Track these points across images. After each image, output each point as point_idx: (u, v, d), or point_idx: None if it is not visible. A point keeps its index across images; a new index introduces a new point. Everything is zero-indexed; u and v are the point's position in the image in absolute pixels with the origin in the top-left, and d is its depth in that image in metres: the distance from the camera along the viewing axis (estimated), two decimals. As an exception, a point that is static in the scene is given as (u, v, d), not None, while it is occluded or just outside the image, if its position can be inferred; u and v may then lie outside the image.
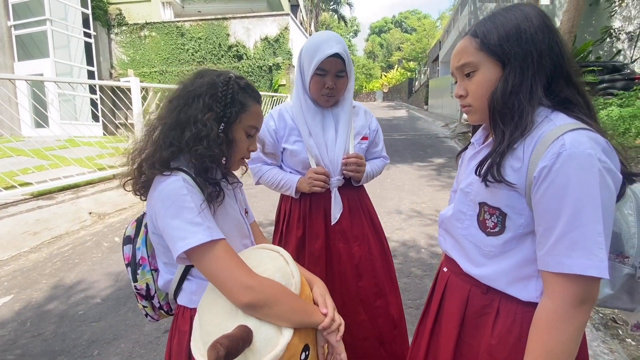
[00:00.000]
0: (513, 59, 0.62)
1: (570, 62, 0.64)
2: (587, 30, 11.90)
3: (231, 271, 0.67)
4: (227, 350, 0.58)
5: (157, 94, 5.66)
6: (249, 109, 0.80)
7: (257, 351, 0.65)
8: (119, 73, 11.78)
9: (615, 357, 1.68)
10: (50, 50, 9.15)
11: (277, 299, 0.67)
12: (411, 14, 50.74)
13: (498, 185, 0.64)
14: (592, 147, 0.56)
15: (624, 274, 0.64)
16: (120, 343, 1.87)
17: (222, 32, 11.69)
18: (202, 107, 0.76)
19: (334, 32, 1.19)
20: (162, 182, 0.72)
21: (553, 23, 0.65)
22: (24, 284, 2.56)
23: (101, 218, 3.94)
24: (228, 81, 0.79)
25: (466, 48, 0.67)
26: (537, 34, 0.62)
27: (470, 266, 0.72)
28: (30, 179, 4.02)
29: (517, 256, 0.66)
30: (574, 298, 0.56)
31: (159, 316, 0.91)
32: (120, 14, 11.77)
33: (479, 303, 0.71)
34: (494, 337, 0.68)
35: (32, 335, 1.98)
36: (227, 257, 0.68)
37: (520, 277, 0.66)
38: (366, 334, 1.22)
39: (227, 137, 0.78)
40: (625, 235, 0.64)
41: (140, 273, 0.84)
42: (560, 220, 0.56)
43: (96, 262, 2.86)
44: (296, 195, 1.24)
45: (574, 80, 0.64)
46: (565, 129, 0.58)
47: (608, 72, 9.13)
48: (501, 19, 0.65)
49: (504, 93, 0.63)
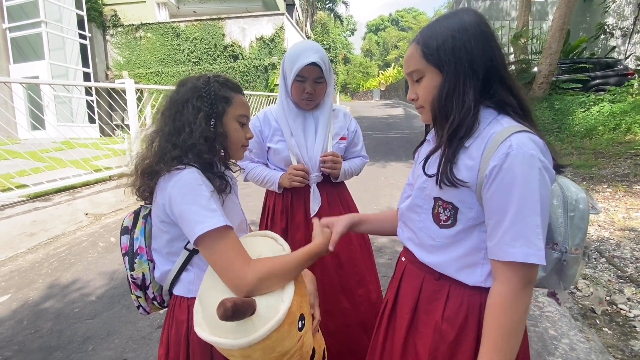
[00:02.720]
0: (447, 67, 0.68)
1: (504, 65, 0.70)
2: (581, 26, 11.98)
3: (231, 265, 0.73)
4: (234, 306, 0.64)
5: (152, 95, 5.69)
6: (233, 100, 0.87)
7: (262, 317, 0.71)
8: (115, 74, 11.79)
9: (591, 345, 1.74)
10: (46, 52, 9.16)
11: (269, 276, 0.74)
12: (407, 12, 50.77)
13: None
14: (533, 147, 0.62)
15: (553, 258, 0.72)
16: (114, 339, 1.93)
17: (217, 32, 11.71)
18: (192, 109, 0.82)
19: (313, 42, 1.26)
20: (177, 174, 0.77)
21: (492, 29, 0.70)
22: (21, 283, 2.61)
23: (97, 219, 3.98)
24: (208, 81, 0.85)
25: (412, 56, 0.72)
26: (470, 42, 0.67)
27: (425, 255, 0.78)
28: (26, 181, 4.06)
29: (465, 246, 0.72)
30: (520, 282, 0.63)
31: (151, 309, 0.94)
32: (115, 15, 11.78)
33: (432, 289, 0.77)
34: (444, 319, 0.73)
35: (29, 332, 2.03)
36: (234, 246, 0.75)
37: (468, 264, 0.72)
38: (349, 320, 1.28)
39: (220, 130, 0.84)
40: (555, 224, 0.71)
41: (138, 262, 0.87)
42: (508, 214, 0.63)
43: (92, 262, 2.91)
44: (279, 190, 1.32)
45: (508, 83, 0.69)
46: (512, 131, 0.64)
47: (601, 68, 9.20)
48: (439, 27, 0.70)
49: (440, 98, 0.69)
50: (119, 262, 2.90)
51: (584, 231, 0.73)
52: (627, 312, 1.99)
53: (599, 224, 3.15)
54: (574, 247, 0.72)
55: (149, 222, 0.89)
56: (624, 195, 3.75)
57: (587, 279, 2.33)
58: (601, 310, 2.03)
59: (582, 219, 0.72)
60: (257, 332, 0.69)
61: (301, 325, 0.77)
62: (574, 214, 0.72)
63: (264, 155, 1.36)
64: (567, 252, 0.71)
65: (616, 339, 1.80)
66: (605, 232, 2.99)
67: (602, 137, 5.90)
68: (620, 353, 1.69)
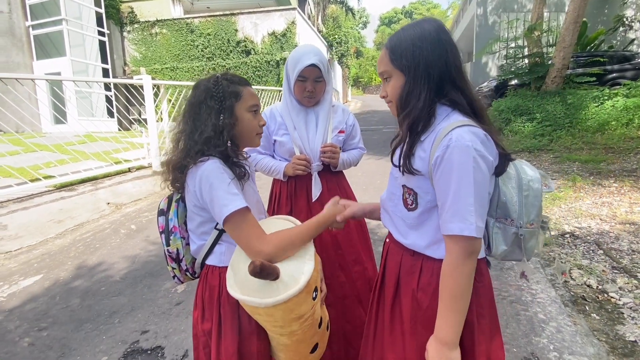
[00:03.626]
0: (408, 70, 0.80)
1: (456, 69, 0.81)
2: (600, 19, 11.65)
3: (249, 240, 0.87)
4: (262, 265, 0.78)
5: (168, 90, 5.92)
6: (242, 93, 0.97)
7: (285, 283, 0.83)
8: (132, 70, 12.13)
9: (577, 328, 1.84)
10: (67, 49, 9.52)
11: (290, 244, 0.89)
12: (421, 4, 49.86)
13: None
14: (471, 139, 0.74)
15: (511, 233, 0.83)
16: (137, 313, 2.13)
17: (230, 27, 11.88)
18: (206, 109, 0.95)
19: (313, 45, 1.40)
20: (201, 166, 0.91)
21: (449, 36, 0.82)
22: (51, 265, 2.86)
23: (118, 208, 4.24)
24: (217, 80, 0.97)
25: (382, 59, 0.85)
26: (428, 49, 0.78)
27: (400, 236, 0.91)
28: (53, 172, 4.35)
29: (430, 225, 0.85)
30: (461, 252, 0.75)
31: (184, 279, 1.09)
32: (132, 12, 12.08)
33: (409, 264, 0.90)
34: (419, 289, 0.87)
35: (61, 307, 2.26)
36: (247, 223, 0.88)
37: (434, 241, 0.85)
38: (345, 293, 1.44)
39: (229, 122, 0.94)
40: (510, 203, 0.82)
41: (172, 239, 1.02)
42: (449, 196, 0.75)
43: (115, 247, 3.14)
44: (284, 179, 1.48)
45: (459, 84, 0.81)
46: (454, 126, 0.76)
47: (619, 62, 8.97)
48: (404, 35, 0.82)
49: (401, 96, 0.82)
50: (139, 247, 3.12)
51: (538, 208, 0.83)
52: (617, 300, 2.07)
53: (600, 218, 3.19)
54: (529, 222, 0.83)
55: (181, 206, 1.03)
56: (630, 190, 3.76)
57: (582, 269, 2.41)
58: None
59: (535, 197, 0.83)
60: (281, 295, 0.81)
61: (315, 296, 0.89)
62: (528, 193, 0.82)
63: (271, 147, 1.52)
64: (522, 227, 0.82)
65: (603, 323, 1.89)
66: (606, 226, 3.04)
67: (615, 132, 5.82)
68: (604, 336, 1.79)
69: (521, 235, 0.83)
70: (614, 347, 1.71)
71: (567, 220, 3.22)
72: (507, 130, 6.97)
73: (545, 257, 2.62)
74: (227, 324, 0.95)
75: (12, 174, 3.99)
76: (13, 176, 3.98)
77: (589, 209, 3.40)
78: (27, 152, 5.00)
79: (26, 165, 4.21)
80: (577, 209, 3.41)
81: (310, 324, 0.91)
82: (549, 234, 0.89)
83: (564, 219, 3.26)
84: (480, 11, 12.30)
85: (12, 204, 3.65)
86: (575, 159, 5.04)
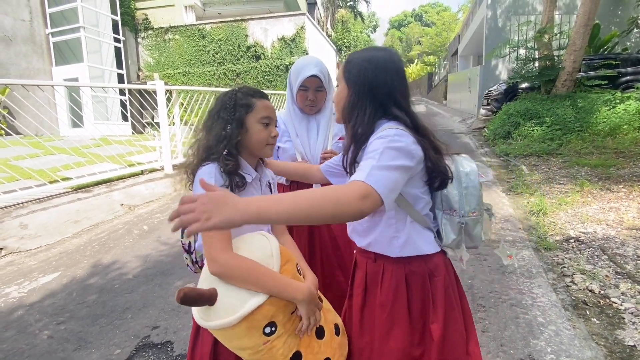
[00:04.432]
0: (353, 86, 0.90)
1: (401, 94, 0.90)
2: (613, 21, 11.44)
3: (210, 245, 0.85)
4: (185, 295, 0.74)
5: (180, 95, 6.09)
6: (254, 105, 1.01)
7: (218, 313, 0.80)
8: (145, 75, 12.45)
9: (576, 332, 1.87)
10: (84, 55, 9.86)
11: (241, 274, 0.82)
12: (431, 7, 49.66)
13: None
14: (394, 132, 0.83)
15: (456, 222, 0.92)
16: (149, 310, 2.24)
17: (241, 33, 12.11)
18: (219, 120, 1.01)
19: (314, 57, 1.48)
20: (200, 169, 0.99)
21: (398, 65, 0.91)
22: (68, 263, 3.00)
23: (131, 209, 4.39)
24: (232, 94, 1.03)
25: (339, 69, 0.97)
26: (375, 72, 0.88)
27: (361, 240, 0.99)
28: (70, 174, 4.53)
29: (380, 226, 0.93)
30: (356, 191, 0.72)
31: (196, 270, 1.16)
32: (147, 19, 12.42)
33: (372, 270, 0.97)
34: (382, 292, 0.94)
35: (78, 302, 2.38)
36: (221, 235, 0.85)
37: (386, 240, 0.93)
38: (344, 292, 1.50)
39: (238, 132, 0.99)
40: (451, 195, 0.92)
41: (185, 232, 1.12)
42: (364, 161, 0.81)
43: (128, 247, 3.27)
44: (287, 183, 1.55)
45: (403, 106, 0.90)
46: (386, 127, 0.86)
47: (632, 64, 8.82)
48: (358, 56, 0.92)
49: (345, 107, 0.93)
50: (151, 247, 3.25)
51: (478, 197, 0.92)
52: (618, 305, 2.08)
53: (607, 223, 3.18)
54: (471, 211, 0.91)
55: None
56: (639, 195, 3.72)
57: (585, 274, 2.42)
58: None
59: (474, 187, 0.91)
60: (210, 322, 0.81)
61: (270, 331, 0.83)
62: (467, 184, 0.91)
63: (275, 154, 1.60)
64: (464, 216, 0.91)
65: (603, 328, 1.91)
66: (612, 231, 3.03)
67: (626, 136, 5.74)
68: (603, 340, 1.81)
69: (463, 224, 0.91)
70: (612, 352, 1.73)
71: (572, 225, 3.21)
72: (516, 134, 6.93)
73: (548, 262, 2.64)
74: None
75: (32, 176, 4.18)
76: (33, 178, 4.17)
77: (596, 214, 3.39)
78: (46, 154, 5.21)
79: (45, 168, 4.40)
80: (584, 214, 3.40)
81: (265, 357, 0.85)
82: (494, 219, 0.96)
83: (569, 223, 3.25)
84: (490, 14, 12.23)
85: (32, 205, 3.83)
86: (585, 164, 4.99)
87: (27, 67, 9.29)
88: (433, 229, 0.95)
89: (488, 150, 7.09)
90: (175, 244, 3.27)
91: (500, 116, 7.87)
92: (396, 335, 0.91)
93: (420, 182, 0.90)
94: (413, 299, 0.92)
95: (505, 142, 6.94)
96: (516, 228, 3.25)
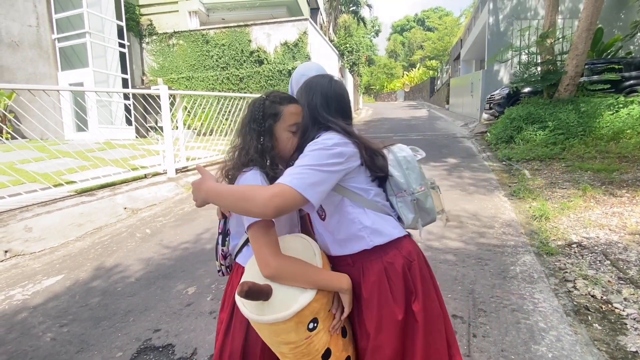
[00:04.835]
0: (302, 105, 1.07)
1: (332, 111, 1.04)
2: (616, 24, 11.44)
3: (261, 251, 0.88)
4: (249, 289, 0.80)
5: (184, 99, 6.15)
6: (281, 113, 1.03)
7: (274, 307, 0.85)
8: (149, 79, 12.57)
9: (578, 338, 1.86)
10: (90, 60, 9.97)
11: (293, 274, 0.88)
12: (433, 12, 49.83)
13: None
14: (328, 138, 0.95)
15: (409, 201, 1.03)
16: (150, 313, 2.25)
17: (244, 38, 12.20)
18: (250, 130, 1.04)
19: (317, 63, 1.50)
20: (243, 175, 1.01)
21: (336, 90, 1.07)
22: (72, 266, 3.02)
23: (134, 213, 4.42)
24: (260, 103, 1.05)
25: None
26: (309, 96, 1.06)
27: (340, 248, 1.02)
28: (74, 178, 4.58)
29: (344, 224, 0.99)
30: (272, 189, 0.85)
31: (227, 273, 1.19)
32: (151, 24, 12.56)
33: (354, 275, 0.99)
34: (364, 290, 0.98)
35: (81, 305, 2.40)
36: (266, 237, 0.89)
37: (355, 238, 0.99)
38: None
39: (268, 144, 1.02)
40: (398, 178, 1.03)
41: (228, 240, 1.14)
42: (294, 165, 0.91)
43: (130, 250, 3.30)
44: None
45: (333, 120, 1.03)
46: (324, 136, 0.97)
47: (636, 68, 8.80)
48: (305, 83, 1.10)
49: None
50: (153, 250, 3.27)
51: (419, 174, 1.05)
52: (620, 311, 2.07)
53: (609, 228, 3.17)
54: (418, 187, 1.03)
55: None
56: (642, 200, 3.70)
57: (587, 279, 2.41)
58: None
59: (414, 167, 1.04)
60: (265, 317, 0.84)
61: (312, 326, 0.87)
62: (407, 166, 1.04)
63: None
64: (414, 193, 1.02)
65: (604, 334, 1.90)
66: (615, 236, 3.01)
67: (630, 140, 5.72)
68: (605, 346, 1.80)
69: (416, 200, 1.01)
70: (614, 357, 1.72)
71: (575, 230, 3.20)
72: (519, 138, 6.92)
73: (550, 267, 2.63)
74: (238, 319, 1.03)
75: (37, 179, 4.23)
76: (38, 181, 4.22)
77: (599, 219, 3.37)
78: (51, 158, 5.27)
79: (50, 171, 4.45)
80: (586, 219, 3.39)
81: (303, 352, 0.89)
82: (439, 191, 1.12)
83: (572, 228, 3.24)
84: (492, 19, 12.26)
85: (37, 208, 3.87)
86: (588, 168, 4.97)
87: (33, 72, 9.41)
88: (393, 215, 1.04)
89: (490, 154, 7.07)
90: (177, 247, 3.30)
91: (502, 120, 7.86)
92: (387, 327, 0.94)
93: (363, 177, 1.00)
94: (395, 289, 0.95)
95: (508, 146, 6.93)
96: (518, 233, 3.24)
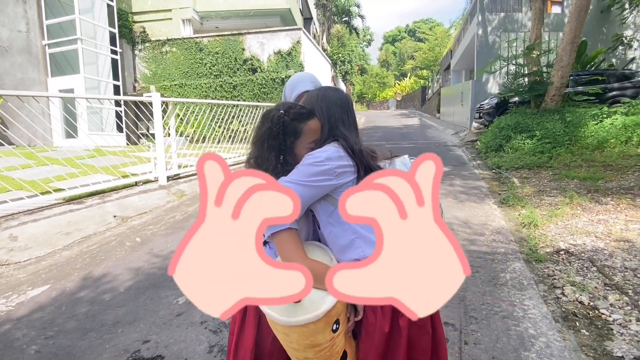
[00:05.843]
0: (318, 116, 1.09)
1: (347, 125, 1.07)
2: (599, 38, 11.85)
3: (289, 256, 0.89)
4: None
5: (177, 106, 6.13)
6: (302, 131, 1.02)
7: (305, 308, 0.86)
8: (142, 86, 12.51)
9: (566, 344, 1.88)
10: (81, 67, 9.90)
11: (321, 278, 0.90)
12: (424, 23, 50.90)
13: None
14: (322, 152, 0.97)
15: None
16: (139, 324, 2.21)
17: (237, 46, 12.28)
18: (269, 147, 1.01)
19: (310, 73, 1.53)
20: None
21: (350, 104, 1.11)
22: (58, 276, 2.96)
23: (124, 221, 4.35)
24: (279, 119, 1.01)
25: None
26: (331, 111, 1.07)
27: (343, 256, 1.02)
28: (62, 185, 4.50)
29: (337, 236, 1.00)
30: None
31: None
32: (144, 32, 12.57)
33: None
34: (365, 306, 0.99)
35: (67, 316, 2.34)
36: (293, 243, 0.89)
37: (349, 247, 0.99)
38: None
39: (291, 163, 1.01)
40: None
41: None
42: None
43: (120, 259, 3.24)
44: None
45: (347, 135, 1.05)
46: (322, 148, 1.00)
47: (618, 80, 9.10)
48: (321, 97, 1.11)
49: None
50: (143, 259, 3.22)
51: None
52: (607, 317, 2.11)
53: (596, 235, 3.24)
54: None
55: None
56: (626, 207, 3.80)
57: (575, 286, 2.45)
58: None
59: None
60: (298, 317, 0.85)
61: (335, 328, 0.89)
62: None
63: None
64: None
65: (592, 339, 1.93)
66: (601, 243, 3.08)
67: (613, 149, 5.88)
68: (592, 352, 1.83)
69: None
70: (602, 363, 1.75)
71: (562, 237, 3.26)
72: (508, 147, 7.06)
73: (539, 274, 2.67)
74: (251, 318, 1.04)
75: (24, 187, 4.15)
76: (25, 189, 4.14)
77: (585, 226, 3.44)
78: (38, 165, 5.18)
79: (37, 179, 4.37)
80: (573, 226, 3.46)
81: (327, 355, 0.91)
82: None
83: (559, 235, 3.30)
84: (481, 31, 12.59)
85: (22, 216, 3.79)
86: (574, 176, 5.09)
87: (22, 77, 9.29)
88: None
89: (480, 162, 7.19)
90: (167, 256, 3.25)
91: (492, 129, 8.02)
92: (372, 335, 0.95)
93: None
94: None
95: (497, 154, 7.06)
96: (508, 240, 3.29)
